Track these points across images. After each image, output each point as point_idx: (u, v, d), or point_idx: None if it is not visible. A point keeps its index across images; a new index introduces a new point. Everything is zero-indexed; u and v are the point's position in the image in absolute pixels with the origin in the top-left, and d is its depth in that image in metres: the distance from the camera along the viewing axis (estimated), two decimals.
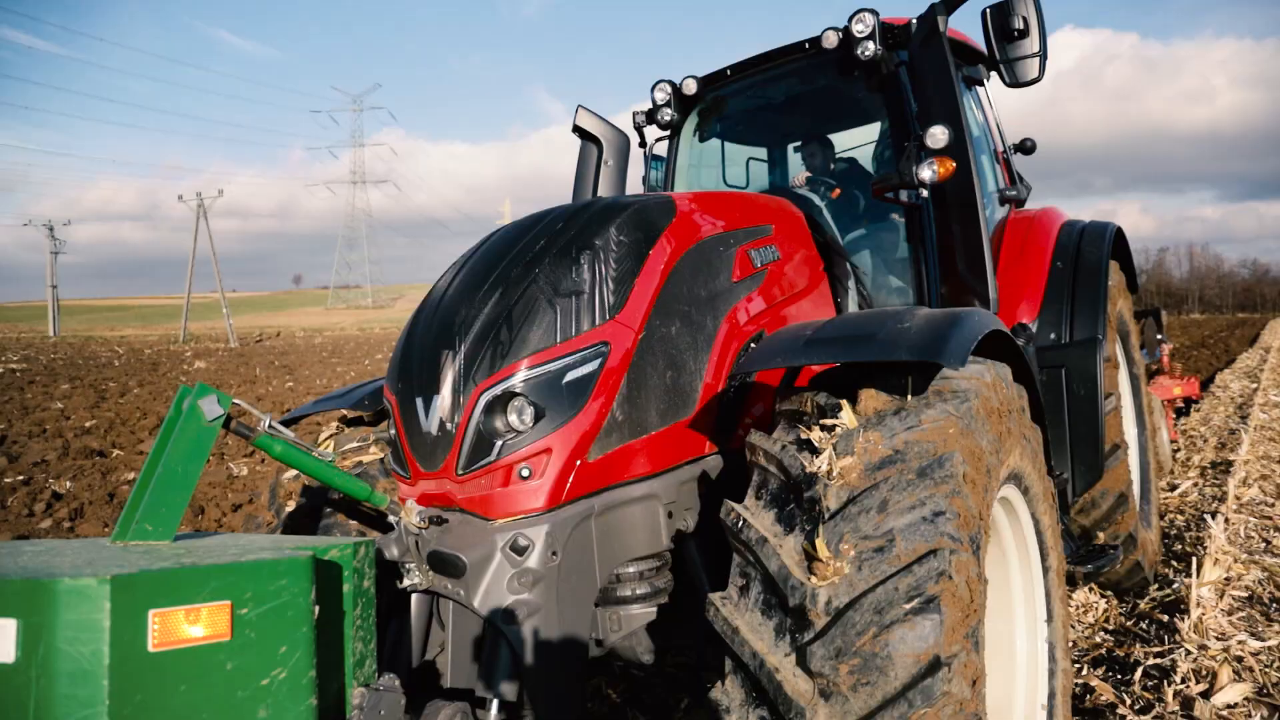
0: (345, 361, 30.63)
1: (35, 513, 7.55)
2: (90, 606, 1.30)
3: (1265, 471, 7.60)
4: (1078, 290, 4.42)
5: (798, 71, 4.59)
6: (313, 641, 1.55)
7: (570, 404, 2.53)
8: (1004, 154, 5.13)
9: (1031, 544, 2.73)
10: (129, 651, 1.33)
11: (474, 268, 2.82)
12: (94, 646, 1.30)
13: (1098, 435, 4.09)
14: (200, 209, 48.75)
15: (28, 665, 1.31)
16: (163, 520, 1.87)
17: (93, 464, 9.79)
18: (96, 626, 1.30)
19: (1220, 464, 8.11)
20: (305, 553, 1.58)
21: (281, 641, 1.50)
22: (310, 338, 58.26)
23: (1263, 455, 8.35)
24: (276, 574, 1.51)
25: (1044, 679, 2.73)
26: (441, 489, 2.56)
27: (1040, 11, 3.65)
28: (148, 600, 1.35)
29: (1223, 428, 10.41)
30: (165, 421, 2.02)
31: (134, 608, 1.34)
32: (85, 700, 1.29)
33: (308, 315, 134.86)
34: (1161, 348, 8.98)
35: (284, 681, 1.49)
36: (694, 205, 3.17)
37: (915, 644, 1.82)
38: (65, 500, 8.01)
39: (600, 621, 2.76)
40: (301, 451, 2.24)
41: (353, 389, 3.60)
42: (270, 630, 1.49)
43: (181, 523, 2.08)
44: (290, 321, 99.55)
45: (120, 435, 12.13)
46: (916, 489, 2.00)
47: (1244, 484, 7.06)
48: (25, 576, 1.35)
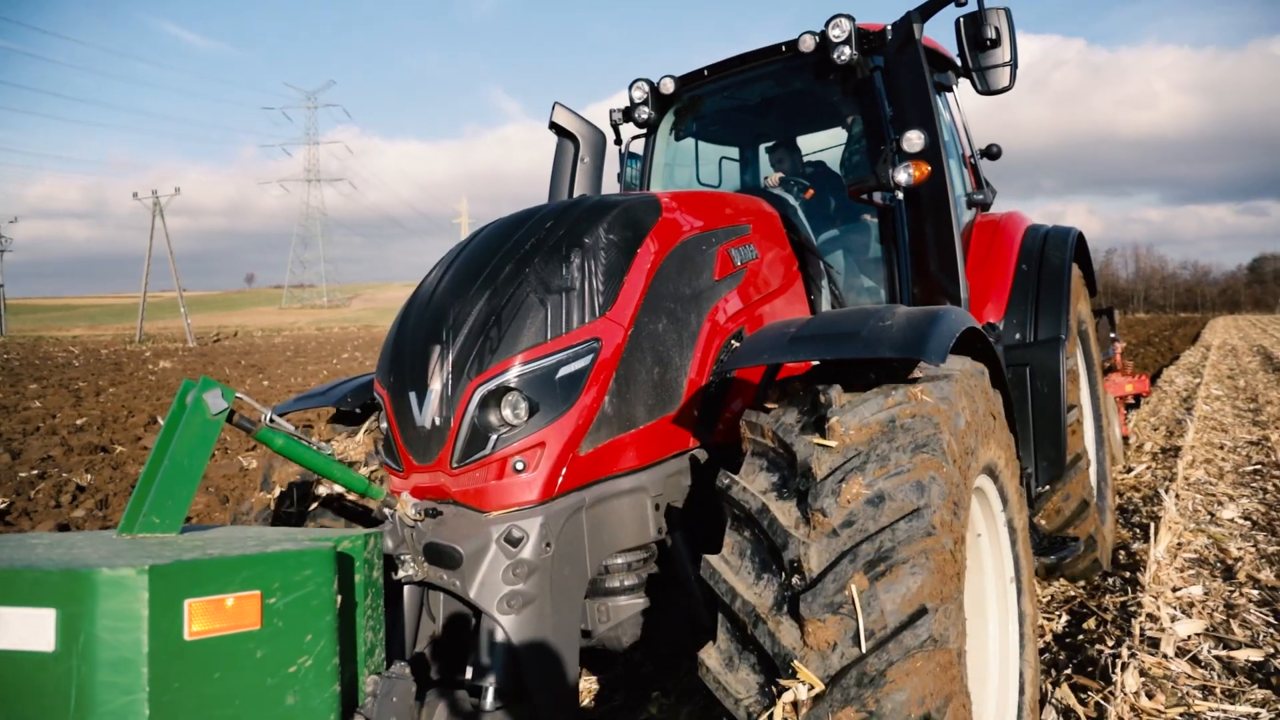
0: (313, 360, 30.32)
1: (62, 504, 7.82)
2: (129, 596, 1.33)
3: (1208, 456, 8.53)
4: (1042, 292, 4.57)
5: (774, 74, 4.67)
6: (335, 630, 1.59)
7: (563, 399, 2.58)
8: (971, 159, 5.27)
9: (999, 514, 2.85)
10: (166, 640, 1.36)
11: (464, 264, 2.85)
12: (133, 635, 1.33)
13: (1060, 430, 4.24)
14: (156, 207, 48.11)
15: (68, 654, 1.33)
16: (170, 513, 1.90)
17: (100, 459, 10.06)
18: (135, 615, 1.33)
19: (1169, 450, 8.99)
20: (327, 544, 1.62)
21: (307, 630, 1.54)
22: (269, 337, 57.47)
23: (1206, 442, 9.31)
24: (302, 564, 1.54)
25: (1015, 646, 2.87)
26: (435, 481, 2.59)
27: (1011, 22, 3.76)
28: (184, 590, 1.39)
29: (1170, 418, 11.32)
30: (169, 415, 2.04)
31: (171, 597, 1.37)
32: (126, 688, 1.32)
33: (262, 315, 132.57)
34: (1114, 346, 9.32)
35: (310, 669, 1.53)
36: (677, 204, 3.22)
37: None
38: (89, 492, 8.25)
39: (589, 612, 2.82)
40: (301, 445, 2.27)
41: (334, 386, 3.62)
42: (297, 619, 1.52)
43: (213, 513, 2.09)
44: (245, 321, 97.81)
45: (116, 432, 12.30)
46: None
47: (1190, 466, 7.92)
48: (58, 568, 1.37)
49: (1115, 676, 3.58)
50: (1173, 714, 3.38)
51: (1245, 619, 4.35)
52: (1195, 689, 3.61)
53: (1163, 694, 3.53)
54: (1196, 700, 3.50)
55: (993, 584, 2.88)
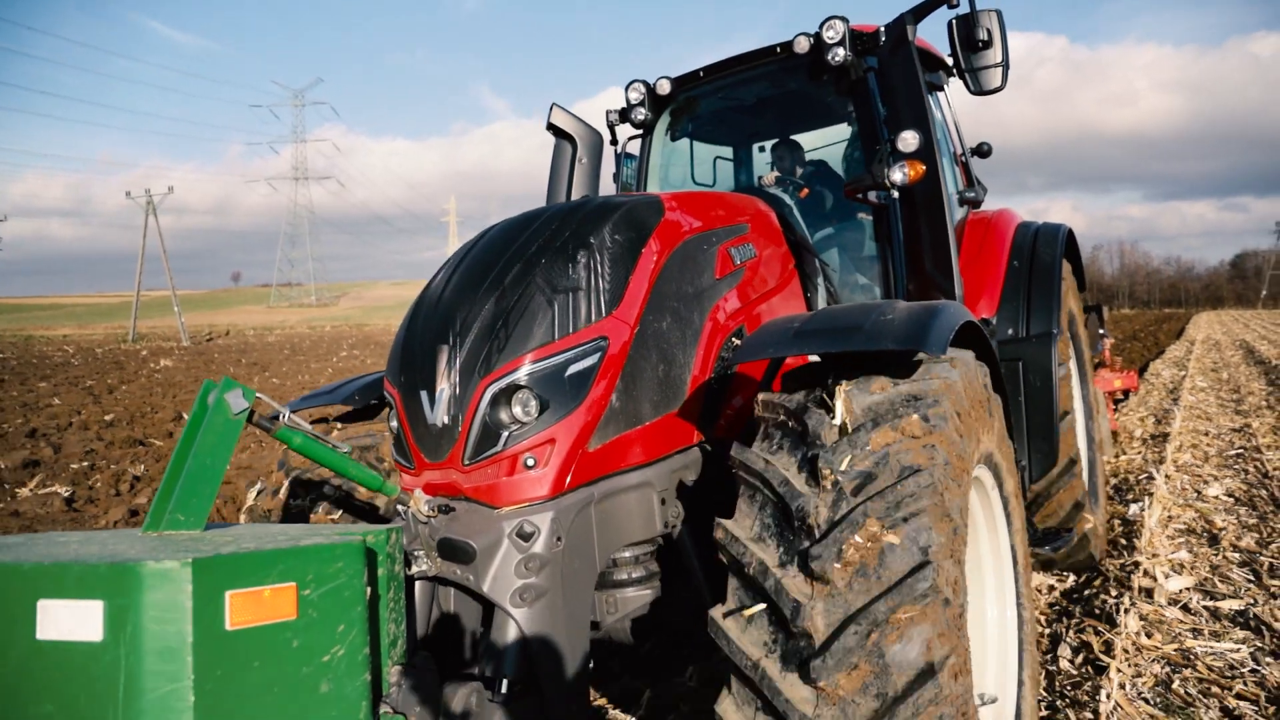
0: (314, 359, 30.41)
1: (122, 492, 8.16)
2: (174, 588, 1.39)
3: (1195, 442, 9.23)
4: (1033, 288, 4.65)
5: (769, 74, 4.73)
6: (366, 621, 1.65)
7: (572, 396, 2.64)
8: (962, 157, 5.35)
9: (998, 509, 2.93)
10: (209, 630, 1.41)
11: (471, 266, 2.90)
12: (178, 625, 1.38)
13: (1053, 422, 4.32)
14: (149, 205, 48.34)
15: (115, 644, 1.38)
16: (194, 510, 1.95)
17: (140, 451, 10.52)
18: (180, 607, 1.38)
19: (1159, 436, 9.67)
20: (356, 537, 1.67)
21: (340, 620, 1.60)
22: (261, 336, 57.46)
23: (1192, 429, 10.02)
24: (335, 557, 1.60)
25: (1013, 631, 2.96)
26: (447, 479, 2.65)
27: (1003, 24, 3.84)
28: (224, 582, 1.44)
29: (1158, 408, 12.01)
30: (192, 415, 2.09)
31: (213, 589, 1.42)
32: (172, 675, 1.37)
33: (250, 314, 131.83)
34: (1103, 342, 9.48)
35: (343, 658, 1.59)
36: (678, 205, 3.29)
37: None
38: (144, 481, 8.63)
39: (597, 604, 2.89)
40: (318, 443, 2.32)
41: (341, 385, 3.67)
42: (330, 610, 1.58)
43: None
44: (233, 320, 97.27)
45: (146, 427, 12.69)
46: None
47: (1178, 451, 8.63)
48: (105, 562, 1.42)
49: (1119, 619, 4.20)
50: (1168, 649, 3.97)
51: (1228, 576, 4.96)
52: (1186, 631, 4.23)
53: (1159, 634, 4.15)
54: (1188, 639, 4.11)
55: (990, 571, 2.95)
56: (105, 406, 15.47)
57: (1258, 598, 4.58)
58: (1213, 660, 3.87)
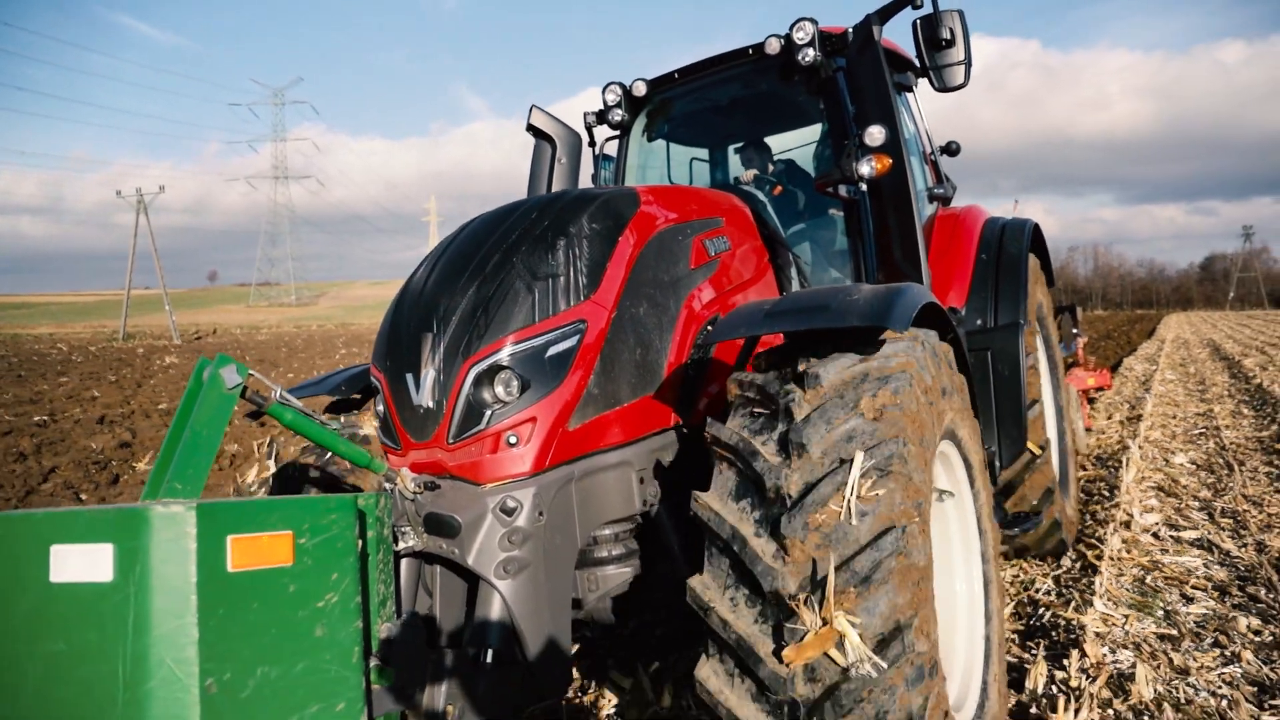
0: (319, 355, 30.63)
1: (223, 466, 8.81)
2: (179, 531, 1.48)
3: (1164, 422, 10.72)
4: (1001, 280, 4.80)
5: (741, 75, 4.87)
6: (358, 571, 1.75)
7: (553, 376, 2.74)
8: (931, 155, 5.50)
9: (963, 481, 3.05)
10: (212, 571, 1.51)
11: (453, 256, 3.01)
12: (184, 566, 1.48)
13: (1021, 410, 4.46)
14: (140, 204, 48.62)
15: (125, 584, 1.48)
16: (190, 480, 2.03)
17: None
18: (185, 549, 1.48)
19: (1133, 418, 11.15)
20: (349, 496, 1.77)
21: (333, 569, 1.69)
22: (250, 335, 57.61)
23: (1161, 413, 11.51)
24: (328, 509, 1.70)
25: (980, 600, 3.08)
26: (432, 457, 2.74)
27: (965, 23, 3.99)
28: (226, 526, 1.54)
29: (1132, 396, 13.48)
30: (187, 390, 2.18)
31: (216, 532, 1.52)
32: (177, 613, 1.47)
33: (229, 313, 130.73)
34: (1077, 341, 9.71)
35: (336, 605, 1.69)
36: (654, 197, 3.41)
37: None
38: (240, 457, 9.36)
39: (579, 582, 2.98)
40: (309, 420, 2.41)
41: (328, 376, 3.76)
42: (324, 558, 1.68)
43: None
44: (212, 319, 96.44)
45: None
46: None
47: (1150, 429, 10.08)
48: (114, 509, 1.52)
49: (1106, 540, 5.50)
50: (1142, 560, 5.28)
51: (1188, 516, 6.29)
52: (1155, 549, 5.54)
53: (1136, 550, 5.47)
54: (1156, 554, 5.41)
55: (958, 543, 3.07)
56: (138, 399, 15.82)
57: (1210, 530, 5.87)
58: (1174, 567, 5.14)
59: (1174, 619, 4.32)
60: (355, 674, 1.76)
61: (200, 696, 1.47)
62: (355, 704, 1.75)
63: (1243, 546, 5.45)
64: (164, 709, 1.45)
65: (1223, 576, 4.92)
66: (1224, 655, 3.85)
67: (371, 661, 1.94)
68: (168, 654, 1.46)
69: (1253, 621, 4.20)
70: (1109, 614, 4.37)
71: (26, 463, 9.31)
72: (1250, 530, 5.77)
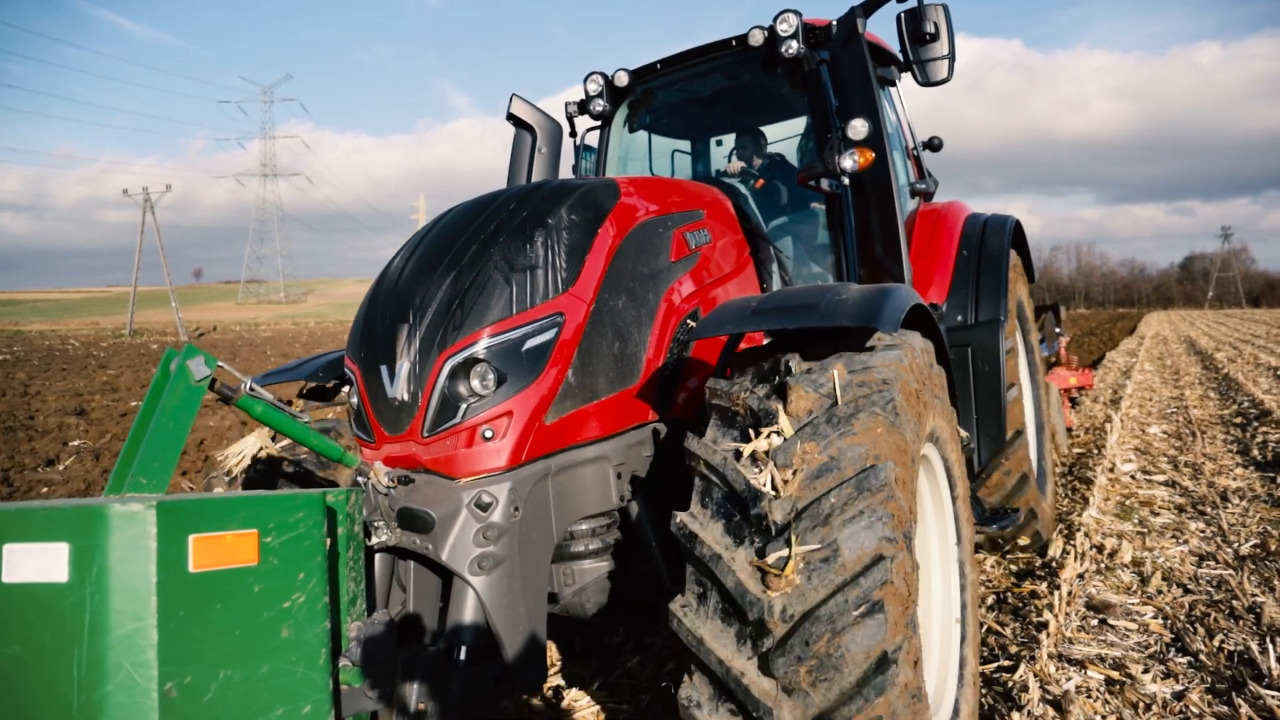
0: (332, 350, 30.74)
1: None
2: (138, 530, 1.43)
3: (1141, 403, 12.42)
4: (981, 277, 4.79)
5: (724, 67, 4.83)
6: (325, 570, 1.70)
7: (529, 370, 2.70)
8: (914, 151, 5.49)
9: (942, 481, 3.03)
10: (173, 571, 1.46)
11: (430, 246, 2.96)
12: (143, 566, 1.43)
13: (1000, 406, 4.46)
14: (147, 203, 49.69)
15: (81, 584, 1.43)
16: (156, 474, 1.98)
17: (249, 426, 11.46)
18: (145, 548, 1.43)
19: (1115, 400, 12.67)
20: (318, 493, 1.73)
21: (300, 568, 1.65)
22: (252, 332, 57.90)
23: (1140, 396, 13.21)
24: (295, 507, 1.65)
25: (956, 593, 3.06)
26: (407, 451, 2.70)
27: (949, 17, 3.97)
28: (188, 525, 1.49)
29: (1115, 384, 15.07)
30: (154, 382, 2.13)
31: (177, 531, 1.47)
32: (136, 615, 1.42)
33: (219, 310, 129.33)
34: (1059, 340, 9.76)
35: (303, 605, 1.64)
36: (634, 189, 3.36)
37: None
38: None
39: (555, 576, 2.95)
40: (279, 412, 2.36)
41: (304, 361, 3.71)
42: (291, 557, 1.63)
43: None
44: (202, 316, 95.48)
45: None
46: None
47: (1129, 407, 11.73)
48: (70, 507, 1.46)
49: (1094, 480, 7.11)
50: (1122, 492, 6.92)
51: (1158, 466, 8.00)
52: (1133, 486, 7.18)
53: (1118, 486, 7.13)
54: (1132, 489, 7.04)
55: (935, 539, 3.06)
56: None
57: (1174, 475, 7.57)
58: (1146, 496, 6.80)
59: (1145, 523, 6.03)
60: (323, 675, 1.71)
61: (159, 701, 1.43)
62: (322, 706, 1.70)
63: (1197, 485, 7.13)
64: (122, 713, 1.41)
65: (1180, 502, 6.63)
66: (1178, 541, 5.61)
67: (341, 662, 1.90)
68: (126, 657, 1.41)
69: (1199, 525, 5.95)
70: (1099, 519, 6.03)
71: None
72: (1205, 475, 7.48)
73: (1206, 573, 4.93)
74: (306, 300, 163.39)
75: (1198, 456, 8.26)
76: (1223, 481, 7.15)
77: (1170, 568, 5.04)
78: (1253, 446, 8.60)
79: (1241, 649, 3.86)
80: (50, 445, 10.39)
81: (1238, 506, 6.33)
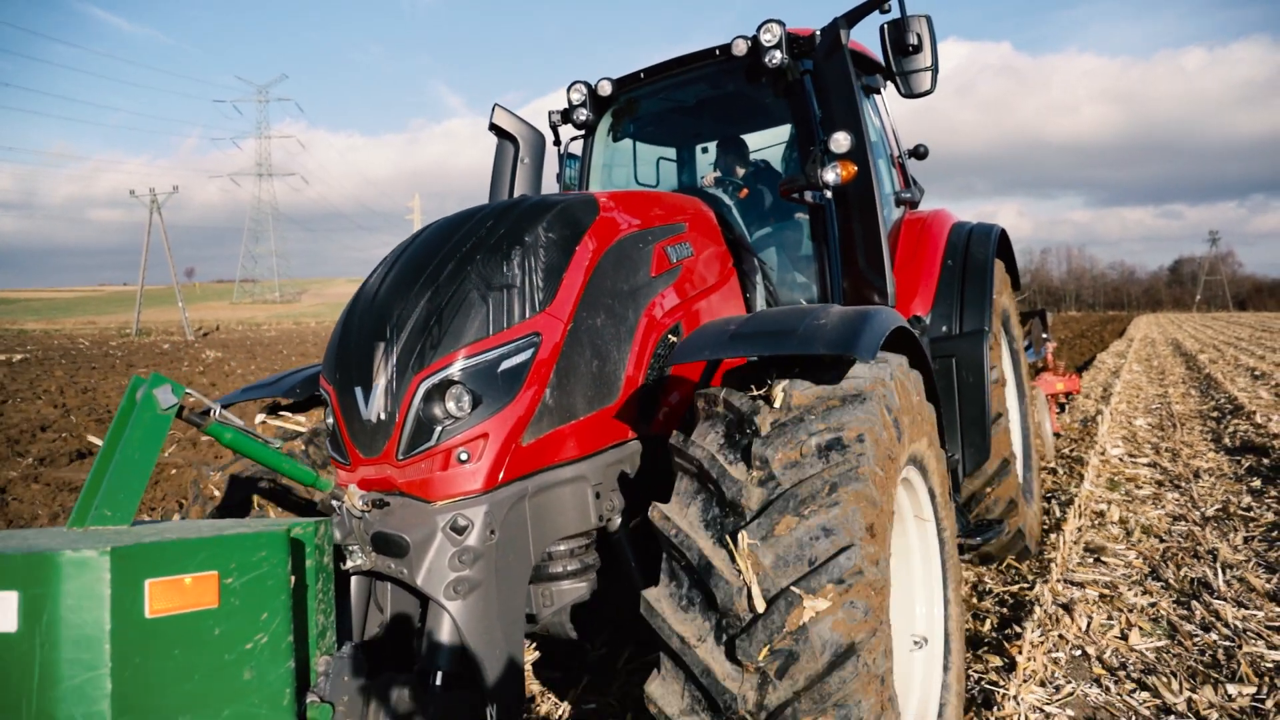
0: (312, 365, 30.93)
1: None
2: (91, 577, 1.39)
3: (1129, 399, 13.75)
4: (966, 287, 4.77)
5: (708, 76, 4.80)
6: (290, 609, 1.67)
7: (505, 391, 2.66)
8: (899, 158, 5.47)
9: (926, 509, 3.01)
10: (128, 618, 1.42)
11: (406, 264, 2.91)
12: (96, 614, 1.39)
13: (985, 418, 4.44)
14: (154, 203, 50.75)
15: (30, 634, 1.39)
16: (121, 505, 1.94)
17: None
18: (98, 595, 1.39)
19: (1105, 396, 14.01)
20: (282, 528, 1.69)
21: (263, 609, 1.61)
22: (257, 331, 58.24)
23: (1127, 393, 14.45)
24: (258, 546, 1.61)
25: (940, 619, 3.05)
26: (382, 474, 2.66)
27: (932, 29, 3.94)
28: (144, 570, 1.45)
29: (1105, 382, 16.46)
30: (120, 410, 2.09)
31: (132, 577, 1.43)
32: (89, 664, 1.38)
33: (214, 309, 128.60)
34: (1046, 346, 9.77)
35: (266, 646, 1.61)
36: (614, 204, 3.33)
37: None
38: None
39: (534, 598, 2.92)
40: (250, 439, 2.32)
41: (282, 377, 3.66)
42: (253, 598, 1.59)
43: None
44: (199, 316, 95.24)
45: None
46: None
47: (1118, 403, 13.05)
48: (20, 553, 1.42)
49: (1088, 461, 8.35)
50: (1111, 471, 8.08)
51: (1143, 450, 9.22)
52: (1121, 465, 8.39)
53: (1108, 465, 8.33)
54: (1120, 467, 8.28)
55: (919, 570, 3.03)
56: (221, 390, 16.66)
57: (1156, 458, 8.74)
58: (1132, 474, 7.94)
59: (1130, 494, 7.22)
60: (287, 715, 1.68)
61: None
62: None
63: (1175, 465, 8.31)
64: None
65: (1160, 478, 7.78)
66: (1156, 506, 6.79)
67: (309, 698, 1.87)
68: (78, 708, 1.37)
69: (1175, 495, 7.15)
70: (1093, 490, 7.22)
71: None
72: (1182, 458, 8.66)
73: (1179, 529, 6.09)
74: (301, 300, 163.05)
75: (1177, 444, 9.53)
76: (1196, 463, 8.40)
77: (1149, 525, 6.20)
78: (1225, 436, 9.87)
79: (1201, 576, 5.01)
80: None
81: (1207, 482, 7.58)
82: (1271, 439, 9.25)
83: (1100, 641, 4.20)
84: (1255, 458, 8.48)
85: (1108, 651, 4.09)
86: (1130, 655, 4.05)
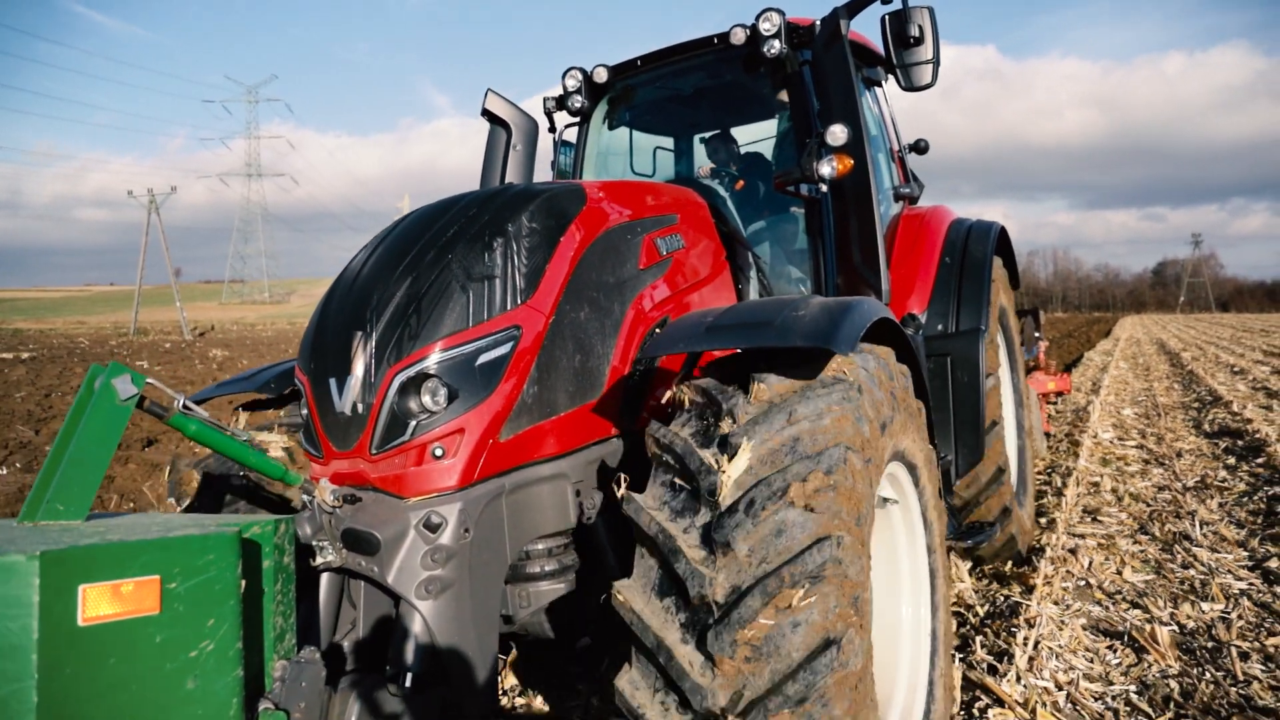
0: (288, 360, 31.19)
1: None
2: (19, 582, 1.31)
3: (1116, 392, 14.94)
4: (964, 284, 4.68)
5: (706, 65, 4.70)
6: (239, 615, 1.59)
7: (483, 385, 2.58)
8: (899, 153, 5.37)
9: (914, 508, 2.94)
10: (58, 626, 1.34)
11: (386, 251, 2.83)
12: (22, 622, 1.31)
13: (979, 418, 4.36)
14: (152, 204, 51.03)
15: None
16: (75, 500, 1.86)
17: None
18: (25, 602, 1.31)
19: (1094, 389, 15.02)
20: (232, 529, 1.61)
21: (209, 615, 1.53)
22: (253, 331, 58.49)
23: (1115, 387, 15.66)
24: (205, 549, 1.53)
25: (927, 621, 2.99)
26: (355, 468, 2.58)
27: (934, 21, 3.85)
28: (78, 575, 1.37)
29: (1093, 378, 17.74)
30: (76, 400, 2.00)
31: (64, 583, 1.35)
32: (13, 674, 1.30)
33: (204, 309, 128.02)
34: (1038, 345, 9.70)
35: (211, 654, 1.53)
36: (603, 194, 3.24)
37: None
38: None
39: (510, 598, 2.84)
40: (215, 431, 2.24)
41: (258, 371, 3.58)
42: (198, 604, 1.52)
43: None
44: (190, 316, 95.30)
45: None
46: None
47: (1107, 395, 14.14)
48: None
49: (1082, 442, 9.32)
50: (1103, 451, 9.10)
51: (1130, 434, 10.32)
52: (1112, 446, 9.42)
53: (1101, 447, 9.33)
54: (1112, 449, 9.25)
55: (907, 572, 2.96)
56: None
57: (1142, 441, 9.81)
58: (1121, 454, 8.97)
59: (1120, 470, 8.20)
60: None
61: None
62: None
63: (1159, 447, 9.37)
64: None
65: (1146, 457, 8.83)
66: (1143, 479, 7.76)
67: (262, 704, 1.79)
68: None
69: (1159, 470, 8.17)
70: (1088, 466, 8.18)
71: None
72: (1165, 441, 9.75)
73: (1163, 496, 7.12)
74: (290, 300, 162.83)
75: (1161, 429, 10.66)
76: (1179, 444, 9.51)
77: (1138, 493, 7.23)
78: (1204, 422, 11.04)
79: (1182, 530, 6.00)
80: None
81: (1188, 460, 8.64)
82: (1246, 424, 10.16)
83: (1100, 576, 5.11)
84: (1231, 440, 9.49)
85: (1106, 582, 5.00)
86: (1124, 585, 4.96)
